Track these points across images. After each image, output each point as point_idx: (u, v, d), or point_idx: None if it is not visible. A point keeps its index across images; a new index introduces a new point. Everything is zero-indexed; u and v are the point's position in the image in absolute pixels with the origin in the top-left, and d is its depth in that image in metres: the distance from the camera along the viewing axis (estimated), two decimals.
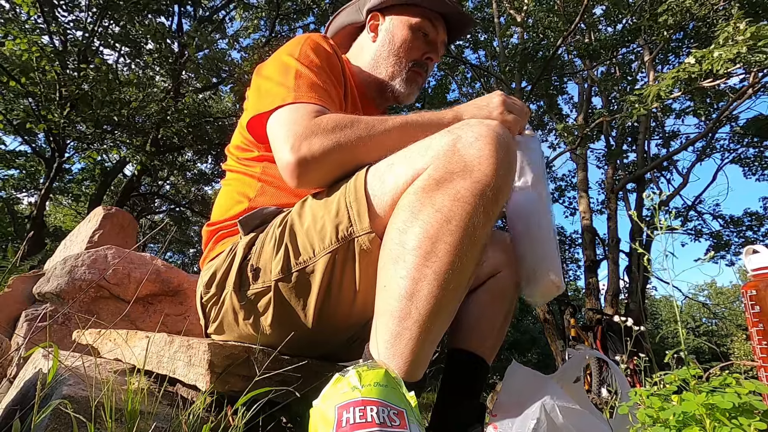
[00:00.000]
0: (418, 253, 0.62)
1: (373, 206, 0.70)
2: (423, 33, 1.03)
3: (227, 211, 0.91)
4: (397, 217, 0.66)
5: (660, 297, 24.01)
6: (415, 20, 1.02)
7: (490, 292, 0.93)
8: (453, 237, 0.61)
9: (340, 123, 0.75)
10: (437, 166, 0.64)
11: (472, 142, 0.64)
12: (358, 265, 0.72)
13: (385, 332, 0.62)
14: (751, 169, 9.81)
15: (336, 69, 0.93)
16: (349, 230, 0.71)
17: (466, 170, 0.63)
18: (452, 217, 0.62)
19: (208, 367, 0.67)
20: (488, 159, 0.63)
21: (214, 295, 0.84)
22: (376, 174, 0.72)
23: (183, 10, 8.32)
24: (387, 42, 1.03)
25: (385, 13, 1.05)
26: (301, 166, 0.73)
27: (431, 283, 0.61)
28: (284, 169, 0.76)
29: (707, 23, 6.49)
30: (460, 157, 0.64)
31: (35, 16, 6.41)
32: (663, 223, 0.68)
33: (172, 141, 8.07)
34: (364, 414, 0.47)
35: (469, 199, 0.62)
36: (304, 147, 0.73)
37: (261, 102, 0.84)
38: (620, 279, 8.11)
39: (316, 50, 0.90)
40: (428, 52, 1.04)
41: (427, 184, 0.64)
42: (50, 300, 1.68)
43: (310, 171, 0.74)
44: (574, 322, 4.32)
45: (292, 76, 0.83)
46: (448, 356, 0.92)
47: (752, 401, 0.53)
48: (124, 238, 2.25)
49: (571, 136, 7.17)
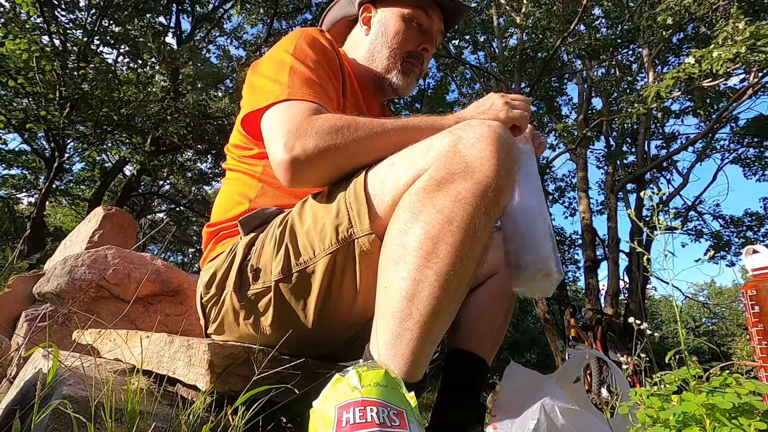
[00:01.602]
0: (419, 254, 0.61)
1: (374, 207, 0.70)
2: (416, 23, 1.01)
3: (227, 212, 0.91)
4: (398, 217, 0.65)
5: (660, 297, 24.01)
6: (407, 11, 1.00)
7: (489, 292, 0.93)
8: (454, 238, 0.61)
9: (336, 124, 0.73)
10: (438, 167, 0.64)
11: (473, 142, 0.64)
12: (358, 266, 0.72)
13: (386, 333, 0.62)
14: (752, 169, 9.81)
15: (333, 63, 0.92)
16: (349, 231, 0.71)
17: (467, 171, 0.63)
18: (453, 218, 0.61)
19: (208, 367, 0.67)
20: (489, 160, 0.62)
21: (214, 296, 0.84)
22: (377, 175, 0.71)
23: (181, 8, 8.32)
24: (380, 35, 1.01)
25: (377, 4, 1.03)
26: (294, 166, 0.72)
27: (432, 284, 0.61)
28: (277, 167, 0.75)
29: (707, 23, 6.49)
30: (461, 157, 0.63)
31: (35, 16, 6.41)
32: (663, 223, 0.69)
33: (172, 140, 8.07)
34: (364, 414, 0.47)
35: (470, 200, 0.62)
36: (297, 146, 0.72)
37: (255, 99, 0.83)
38: (620, 279, 8.11)
39: (311, 45, 0.89)
40: (423, 43, 1.02)
41: (428, 185, 0.64)
42: (50, 300, 1.68)
43: (303, 171, 0.73)
44: (574, 322, 4.32)
45: (286, 72, 0.82)
46: (447, 356, 0.92)
47: (752, 401, 0.53)
48: (124, 238, 2.25)
49: (571, 137, 7.17)
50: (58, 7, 7.08)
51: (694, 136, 8.76)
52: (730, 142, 9.66)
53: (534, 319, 17.40)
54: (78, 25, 7.28)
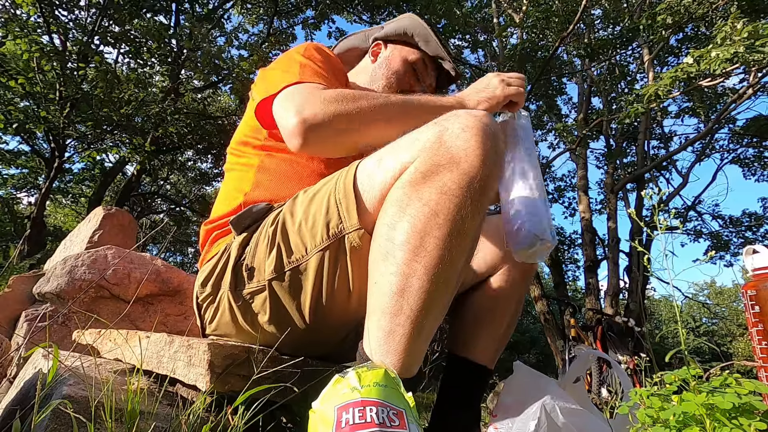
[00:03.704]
0: (407, 248, 0.61)
1: (363, 202, 0.70)
2: (414, 70, 1.12)
3: (223, 208, 0.92)
4: (386, 212, 0.65)
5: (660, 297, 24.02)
6: (411, 57, 1.11)
7: (492, 292, 0.93)
8: (441, 231, 0.61)
9: (343, 93, 0.79)
10: (423, 159, 0.64)
11: (458, 133, 0.63)
12: (349, 262, 0.72)
13: (378, 329, 0.62)
14: (751, 169, 9.82)
15: (339, 70, 0.99)
16: (339, 227, 0.71)
17: (452, 162, 0.62)
18: (440, 211, 0.61)
19: (208, 367, 0.67)
20: (475, 150, 0.62)
21: (210, 295, 0.84)
22: (365, 170, 0.72)
23: (181, 8, 8.32)
24: (383, 66, 1.12)
25: (388, 44, 1.15)
26: (304, 128, 0.76)
27: (421, 278, 0.60)
28: (289, 134, 0.78)
29: (706, 23, 6.49)
30: (446, 149, 0.63)
31: (35, 16, 6.41)
32: (663, 223, 0.68)
33: (172, 140, 8.06)
34: (364, 414, 0.47)
35: (456, 192, 0.61)
36: (307, 110, 0.77)
37: (268, 87, 0.87)
38: (620, 279, 8.11)
39: (319, 51, 0.96)
40: (414, 87, 1.12)
41: (413, 178, 0.64)
42: (50, 300, 1.68)
43: (313, 133, 0.77)
44: (574, 322, 4.32)
45: (296, 67, 0.88)
46: (447, 361, 0.92)
47: (752, 401, 0.53)
48: (124, 238, 2.25)
49: (571, 136, 7.17)
50: (58, 7, 7.07)
51: (693, 136, 8.77)
52: (729, 142, 9.67)
53: (534, 319, 17.40)
54: (78, 24, 7.28)
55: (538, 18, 7.74)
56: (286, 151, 0.90)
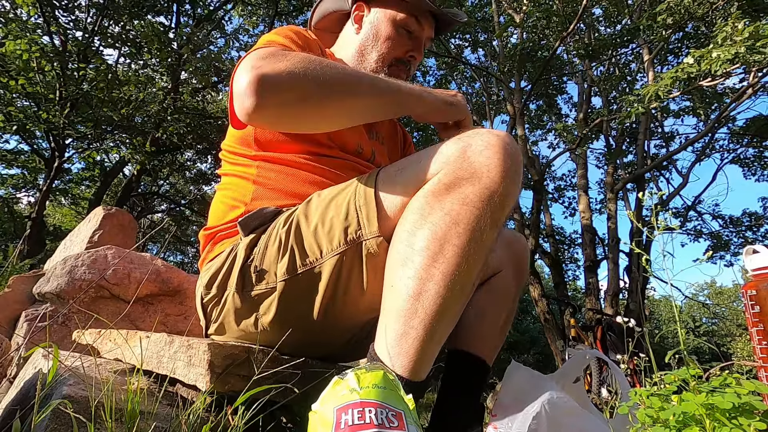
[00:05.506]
0: (427, 253, 0.63)
1: (383, 209, 0.71)
2: (407, 30, 1.01)
3: (223, 217, 0.90)
4: (407, 219, 0.67)
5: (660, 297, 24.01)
6: (400, 16, 1.00)
7: (491, 291, 0.93)
8: (461, 239, 0.63)
9: (311, 57, 0.73)
10: (447, 172, 0.66)
11: (481, 150, 0.66)
12: (364, 268, 0.73)
13: (391, 331, 0.63)
14: (751, 169, 9.82)
15: (317, 48, 0.94)
16: (357, 233, 0.72)
17: (474, 176, 0.64)
18: (460, 220, 0.63)
19: (208, 367, 0.67)
20: (496, 167, 0.64)
21: (215, 296, 0.84)
22: (386, 178, 0.73)
23: (181, 8, 8.32)
24: (371, 37, 1.01)
25: (371, 4, 1.03)
26: (261, 84, 0.67)
27: (438, 283, 0.62)
28: (242, 91, 0.68)
29: (706, 23, 6.49)
30: (469, 163, 0.65)
31: (35, 16, 6.41)
32: (662, 223, 0.69)
33: (172, 140, 8.06)
34: (363, 415, 0.47)
35: (477, 204, 0.63)
36: (267, 65, 0.68)
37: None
38: (620, 279, 8.11)
39: (296, 33, 0.91)
40: (411, 50, 1.02)
41: (436, 188, 0.66)
42: (50, 300, 1.68)
43: (271, 92, 0.67)
44: (574, 322, 4.32)
45: (264, 40, 0.84)
46: (448, 357, 0.92)
47: (752, 401, 0.53)
48: (124, 238, 2.25)
49: (571, 136, 7.17)
50: (58, 8, 7.07)
51: (693, 136, 8.77)
52: (729, 142, 9.67)
53: (534, 319, 17.40)
54: (78, 25, 7.28)
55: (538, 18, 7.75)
56: (282, 162, 0.90)
